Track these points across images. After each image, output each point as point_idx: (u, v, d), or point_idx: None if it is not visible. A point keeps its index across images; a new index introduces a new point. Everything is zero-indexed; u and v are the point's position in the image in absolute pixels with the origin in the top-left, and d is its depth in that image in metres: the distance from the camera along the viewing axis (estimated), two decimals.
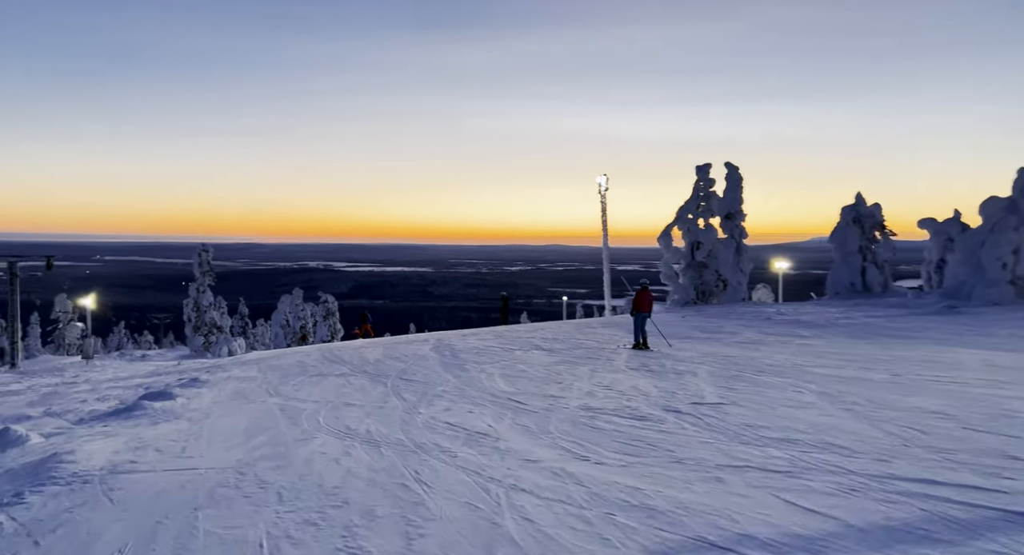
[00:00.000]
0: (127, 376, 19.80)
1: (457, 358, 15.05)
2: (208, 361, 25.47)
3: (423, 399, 10.46)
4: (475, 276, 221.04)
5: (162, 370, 21.01)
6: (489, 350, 16.22)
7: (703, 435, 7.04)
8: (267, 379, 14.01)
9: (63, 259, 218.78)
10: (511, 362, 13.94)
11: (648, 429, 7.50)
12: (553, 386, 10.97)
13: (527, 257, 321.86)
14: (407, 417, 9.14)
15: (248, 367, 17.20)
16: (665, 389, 10.10)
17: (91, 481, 6.30)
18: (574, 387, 10.77)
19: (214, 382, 14.18)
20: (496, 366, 13.46)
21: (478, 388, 11.14)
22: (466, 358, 14.96)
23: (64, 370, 26.82)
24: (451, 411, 9.40)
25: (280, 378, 13.93)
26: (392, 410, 9.73)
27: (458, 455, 6.87)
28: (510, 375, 12.27)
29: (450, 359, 14.98)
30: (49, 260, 28.26)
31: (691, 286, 29.39)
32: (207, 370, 17.71)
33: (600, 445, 6.90)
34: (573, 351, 15.30)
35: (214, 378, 14.83)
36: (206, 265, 46.16)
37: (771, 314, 21.06)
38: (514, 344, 17.22)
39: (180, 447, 7.90)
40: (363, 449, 7.42)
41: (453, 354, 15.87)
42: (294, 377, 13.92)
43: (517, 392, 10.62)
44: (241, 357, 23.70)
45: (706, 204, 29.48)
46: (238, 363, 19.31)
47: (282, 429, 8.76)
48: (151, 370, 21.84)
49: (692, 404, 8.75)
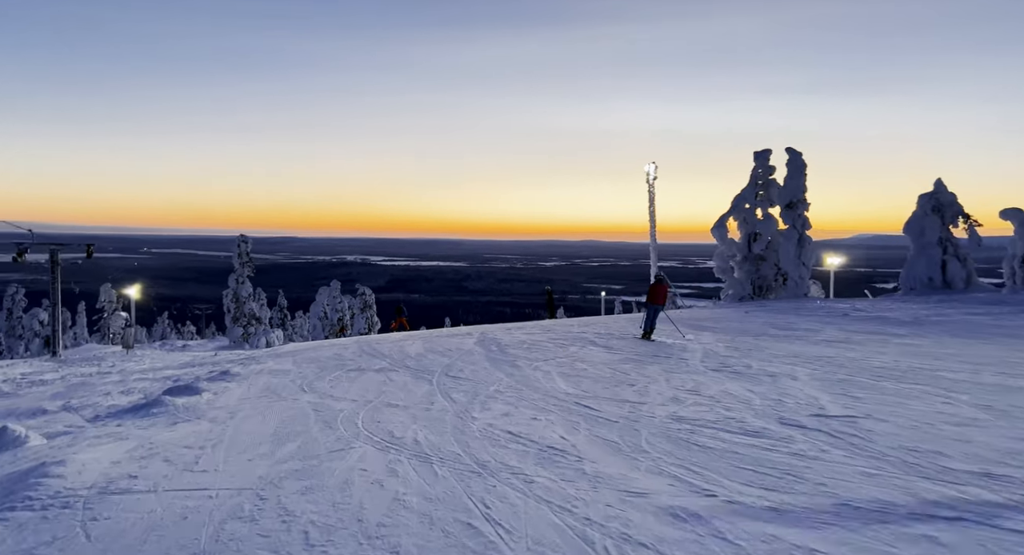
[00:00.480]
0: (161, 366, 18.78)
1: (506, 353, 13.50)
2: (244, 352, 24.50)
3: (475, 400, 8.93)
4: (510, 271, 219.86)
5: (196, 361, 19.98)
6: (539, 345, 14.63)
7: (856, 461, 5.33)
8: (302, 373, 12.67)
9: (112, 251, 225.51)
10: (567, 359, 12.31)
11: (774, 450, 5.80)
12: (625, 389, 9.33)
13: (562, 252, 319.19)
14: (460, 423, 7.62)
15: (283, 359, 15.96)
16: (765, 396, 8.37)
17: (73, 505, 4.92)
18: (651, 391, 9.10)
19: (245, 376, 12.91)
20: (551, 363, 11.86)
21: (537, 389, 9.57)
22: (516, 354, 13.40)
23: (103, 359, 26.17)
24: (511, 417, 7.85)
25: (316, 372, 12.58)
26: (441, 413, 8.23)
27: (535, 480, 5.30)
28: (570, 374, 10.66)
29: (498, 354, 13.44)
30: (89, 248, 27.64)
31: (747, 280, 27.30)
32: (241, 362, 16.53)
33: (720, 472, 5.25)
34: (635, 348, 13.59)
35: (246, 371, 13.57)
36: (245, 256, 45.56)
37: (846, 310, 18.97)
38: (566, 339, 15.59)
39: (193, 456, 6.51)
40: (412, 465, 5.92)
41: (500, 349, 14.32)
42: (330, 371, 12.55)
43: (584, 395, 9.01)
44: (278, 348, 22.62)
45: (765, 193, 27.33)
46: (273, 355, 18.13)
47: (315, 435, 7.33)
48: (186, 361, 20.85)
49: (814, 416, 7.01)
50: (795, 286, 26.23)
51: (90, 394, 12.01)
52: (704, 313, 21.55)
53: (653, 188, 32.34)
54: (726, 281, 28.07)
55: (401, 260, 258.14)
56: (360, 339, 21.19)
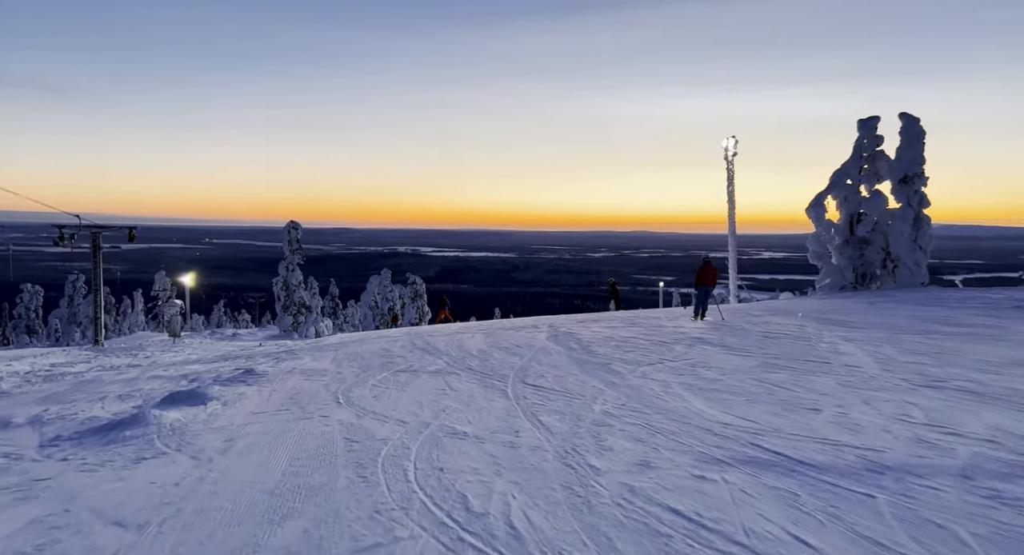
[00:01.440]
0: (195, 359, 16.51)
1: (592, 353, 10.46)
2: (287, 343, 22.24)
3: (580, 429, 5.95)
4: (558, 262, 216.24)
5: (233, 354, 17.62)
6: (631, 343, 11.50)
7: None
8: (340, 374, 9.95)
9: (176, 242, 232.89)
10: (682, 364, 9.17)
11: None
12: (807, 416, 6.14)
13: (611, 243, 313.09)
14: (575, 482, 4.61)
15: (324, 354, 13.36)
16: None
17: None
18: (859, 422, 5.88)
19: (273, 376, 10.27)
20: (663, 370, 8.75)
21: (664, 410, 6.51)
22: (606, 353, 10.34)
23: (143, 349, 24.30)
24: (657, 470, 4.78)
25: (357, 374, 9.84)
26: (536, 456, 5.26)
27: None
28: (700, 387, 7.54)
29: (583, 354, 10.40)
30: (131, 231, 25.84)
31: (848, 267, 23.40)
32: (276, 357, 14.04)
33: None
34: (766, 348, 10.29)
35: (275, 370, 10.95)
36: (295, 243, 43.58)
37: (1020, 301, 15.11)
38: (661, 334, 12.42)
39: (114, 552, 3.73)
40: None
41: (583, 347, 11.26)
42: (375, 373, 9.79)
43: (749, 425, 5.88)
44: (321, 340, 20.18)
45: (871, 166, 23.32)
46: (314, 349, 15.61)
47: (338, 501, 4.46)
48: (222, 353, 18.53)
49: None
50: (909, 274, 22.23)
51: (81, 399, 9.55)
52: (811, 304, 17.94)
53: (732, 165, 28.51)
54: (823, 268, 24.22)
55: (451, 251, 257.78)
56: (411, 331, 18.52)
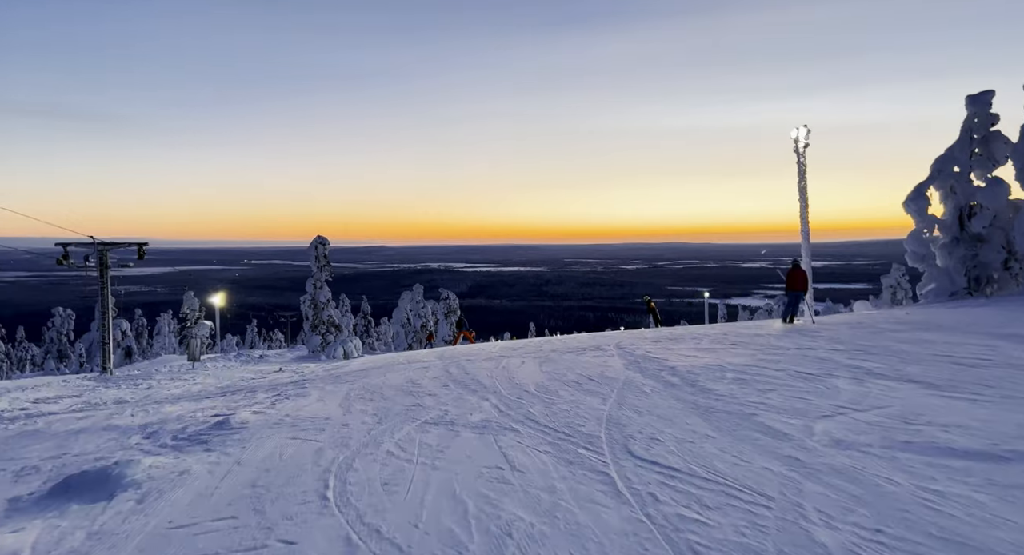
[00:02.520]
0: (196, 392, 13.61)
1: (710, 394, 7.03)
2: (307, 368, 19.27)
3: None
4: (591, 275, 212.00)
5: (239, 385, 14.65)
6: (757, 375, 8.01)
7: None
8: (345, 429, 6.75)
9: (216, 264, 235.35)
10: (876, 414, 5.70)
11: None
12: None
13: (644, 255, 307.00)
14: None
15: (337, 388, 10.23)
16: None
17: None
18: None
19: (251, 431, 7.10)
20: (863, 430, 5.30)
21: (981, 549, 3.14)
22: (732, 394, 6.91)
23: (152, 377, 21.54)
24: None
25: (369, 428, 6.63)
26: None
27: None
28: (993, 480, 4.12)
29: (697, 396, 6.99)
30: (141, 249, 23.31)
31: (959, 269, 19.42)
32: (279, 391, 10.98)
33: None
34: (988, 385, 6.70)
35: (260, 420, 7.80)
36: (323, 259, 40.77)
37: None
38: (789, 360, 8.91)
39: None
40: None
41: (688, 382, 7.82)
42: (394, 426, 6.56)
43: None
44: (343, 365, 17.09)
45: (984, 150, 19.39)
46: (330, 379, 12.50)
47: None
48: (229, 384, 15.59)
49: None
50: None
51: (18, 460, 6.50)
52: (938, 315, 14.09)
53: (804, 158, 24.68)
54: (926, 272, 20.24)
55: (483, 266, 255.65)
56: (445, 353, 15.28)
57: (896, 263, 42.92)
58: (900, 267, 41.79)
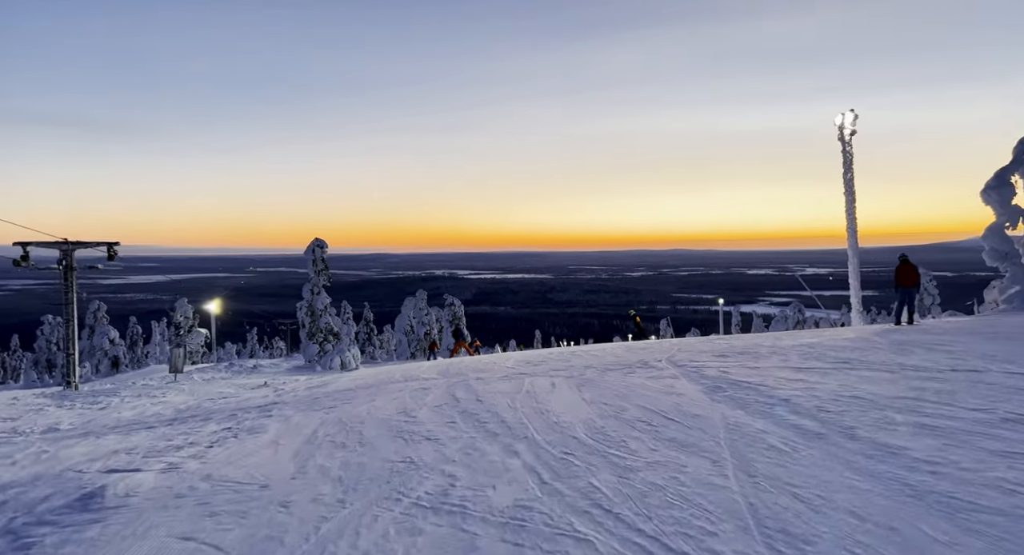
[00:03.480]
0: (149, 415, 10.88)
1: (905, 458, 4.24)
2: (289, 385, 16.50)
3: None
4: (595, 282, 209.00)
5: (198, 408, 11.94)
6: (939, 415, 5.18)
7: None
8: (280, 514, 3.94)
9: (221, 271, 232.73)
10: None
11: None
12: None
13: (648, 262, 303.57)
14: None
15: (304, 423, 7.53)
16: None
17: None
18: None
19: (124, 521, 4.27)
20: None
21: None
22: (952, 457, 4.10)
23: (117, 393, 18.79)
24: None
25: (320, 516, 3.84)
26: None
27: None
28: None
29: (886, 463, 4.20)
30: (111, 249, 20.57)
31: None
32: (237, 423, 8.26)
33: None
34: None
35: (160, 489, 5.01)
36: (320, 263, 37.87)
37: None
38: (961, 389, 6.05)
39: None
40: None
41: (842, 430, 5.00)
42: (362, 511, 3.78)
43: None
44: (327, 382, 14.28)
45: None
46: (306, 404, 9.76)
47: None
48: (190, 407, 12.84)
49: None
50: None
51: None
52: None
53: (850, 146, 21.75)
54: (1008, 272, 17.29)
55: (487, 273, 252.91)
56: (450, 368, 12.44)
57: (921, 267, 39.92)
58: (927, 272, 38.75)
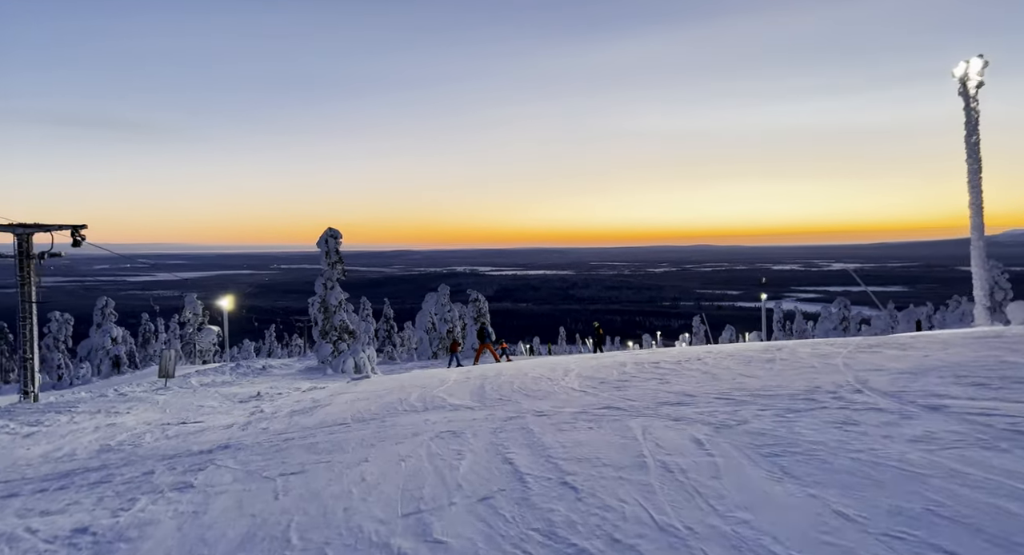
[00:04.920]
0: (70, 452, 6.95)
1: None
2: (273, 400, 12.85)
3: None
4: (617, 278, 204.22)
5: (126, 447, 8.02)
6: None
7: None
8: None
9: (247, 268, 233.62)
10: None
11: None
12: None
13: (671, 258, 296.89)
14: None
15: (229, 512, 3.52)
16: None
17: None
18: None
19: None
20: None
21: None
22: None
23: (78, 405, 15.52)
24: None
25: None
26: None
27: None
28: None
29: None
30: (76, 233, 17.04)
31: None
32: (122, 504, 4.32)
33: None
34: None
35: None
36: (334, 254, 34.08)
37: None
38: None
39: None
40: None
41: None
42: None
43: None
44: (318, 404, 10.54)
45: None
46: (269, 451, 5.90)
47: None
48: (126, 439, 9.08)
49: None
50: None
51: None
52: None
53: (976, 102, 17.22)
54: None
55: (509, 269, 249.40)
56: (483, 382, 8.55)
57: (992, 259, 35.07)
58: (997, 263, 33.93)
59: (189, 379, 23.35)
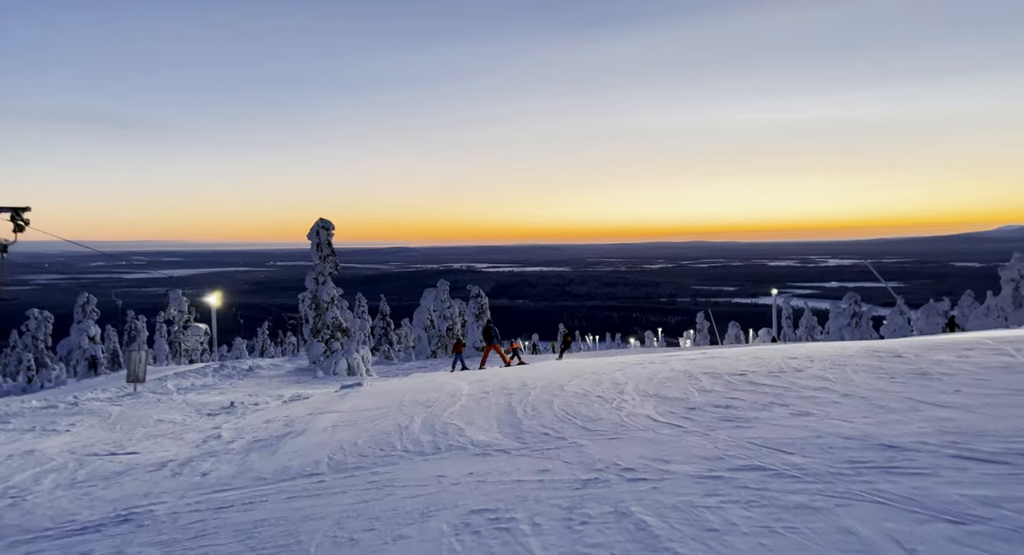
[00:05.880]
0: None
1: None
2: (236, 420, 10.30)
3: None
4: (614, 274, 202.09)
5: None
6: None
7: None
8: None
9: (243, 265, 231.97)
10: None
11: None
12: None
13: (667, 254, 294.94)
14: None
15: None
16: None
17: None
18: None
19: None
20: None
21: None
22: None
23: (14, 418, 13.05)
24: None
25: None
26: None
27: None
28: None
29: None
30: (17, 216, 14.26)
31: None
32: None
33: None
34: None
35: None
36: (326, 247, 31.36)
37: None
38: None
39: None
40: None
41: None
42: None
43: None
44: (282, 438, 7.92)
45: None
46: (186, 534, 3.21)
47: None
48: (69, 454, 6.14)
49: None
50: None
51: None
52: None
53: None
54: None
55: (505, 266, 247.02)
56: (509, 402, 6.00)
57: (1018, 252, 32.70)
58: (1022, 256, 31.53)
59: (165, 382, 20.78)
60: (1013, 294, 31.42)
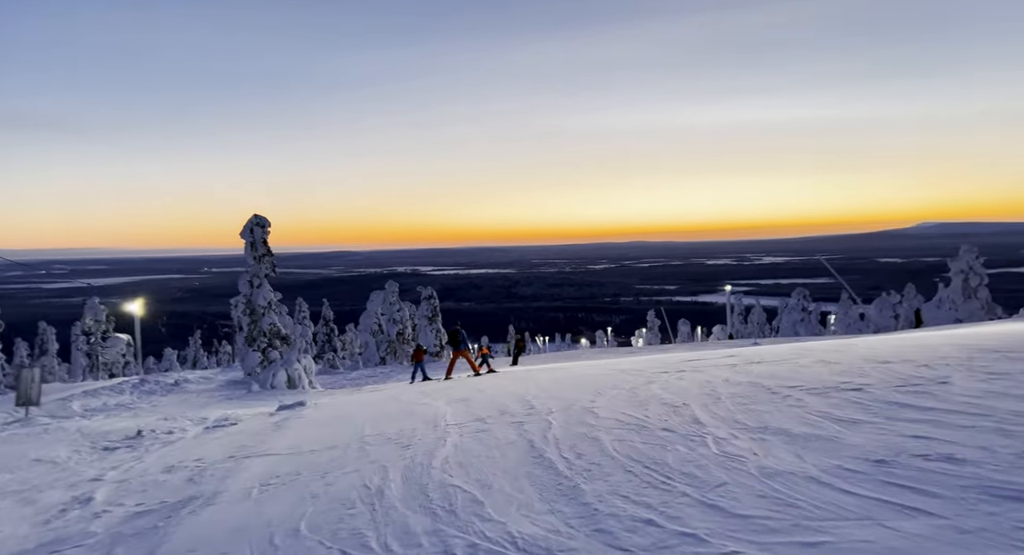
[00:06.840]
0: None
1: None
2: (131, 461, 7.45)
3: None
4: (559, 275, 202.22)
5: None
6: None
7: None
8: None
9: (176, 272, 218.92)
10: None
11: None
12: None
13: (610, 255, 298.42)
14: None
15: None
16: None
17: None
18: None
19: None
20: None
21: None
22: None
23: None
24: None
25: None
26: None
27: None
28: None
29: None
30: None
31: None
32: None
33: None
34: None
35: None
36: (261, 246, 27.81)
37: None
38: None
39: None
40: None
41: None
42: None
43: None
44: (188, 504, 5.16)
45: None
46: None
47: None
48: None
49: None
50: None
51: None
52: None
53: None
54: None
55: (450, 269, 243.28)
56: (515, 421, 3.66)
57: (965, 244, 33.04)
58: (972, 248, 31.82)
59: (70, 403, 17.14)
60: (963, 286, 31.44)
